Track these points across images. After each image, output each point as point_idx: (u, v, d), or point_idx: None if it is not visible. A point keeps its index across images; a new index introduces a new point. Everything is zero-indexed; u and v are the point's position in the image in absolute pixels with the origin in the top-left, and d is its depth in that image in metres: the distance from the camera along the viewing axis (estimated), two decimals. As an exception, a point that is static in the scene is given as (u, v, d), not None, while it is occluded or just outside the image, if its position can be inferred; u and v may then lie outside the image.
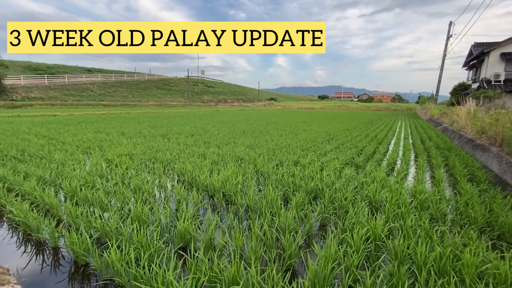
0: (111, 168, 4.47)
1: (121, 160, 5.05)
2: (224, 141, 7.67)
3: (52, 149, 6.00)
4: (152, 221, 2.77)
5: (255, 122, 15.30)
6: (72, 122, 12.73)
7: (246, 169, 4.55)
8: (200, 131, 10.11)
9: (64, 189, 3.51)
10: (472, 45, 29.37)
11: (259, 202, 3.15)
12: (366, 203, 3.25)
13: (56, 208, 3.00)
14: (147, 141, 7.59)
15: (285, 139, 8.24)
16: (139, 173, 4.48)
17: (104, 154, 5.72)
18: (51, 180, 3.89)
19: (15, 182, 3.70)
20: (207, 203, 3.49)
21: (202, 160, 5.14)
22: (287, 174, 4.22)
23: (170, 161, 5.23)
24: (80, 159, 5.24)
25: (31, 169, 4.32)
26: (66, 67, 48.94)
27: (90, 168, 4.53)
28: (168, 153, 5.87)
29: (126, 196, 3.32)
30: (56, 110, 21.64)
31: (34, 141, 7.09)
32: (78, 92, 38.65)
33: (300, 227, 2.75)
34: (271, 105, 61.38)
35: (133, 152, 5.84)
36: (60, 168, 4.41)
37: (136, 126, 11.40)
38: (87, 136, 8.20)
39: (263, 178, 4.30)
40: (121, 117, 16.58)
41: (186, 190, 3.58)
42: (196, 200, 3.21)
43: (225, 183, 3.74)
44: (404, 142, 8.36)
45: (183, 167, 4.55)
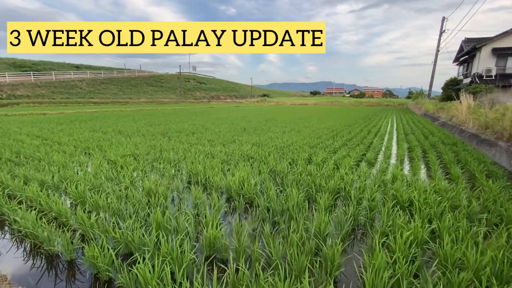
0: (117, 171, 4.20)
1: (125, 161, 4.78)
2: (228, 139, 7.45)
3: (49, 150, 5.66)
4: (174, 228, 2.56)
5: (253, 119, 15.09)
6: (64, 120, 12.21)
7: (260, 169, 4.37)
8: (200, 129, 9.85)
9: (71, 194, 3.25)
10: (462, 40, 29.81)
11: (284, 204, 2.98)
12: (394, 203, 3.12)
13: (65, 216, 2.75)
14: (148, 140, 7.29)
15: (289, 136, 8.08)
16: (148, 175, 4.24)
17: (106, 155, 5.43)
18: (55, 185, 3.61)
19: (16, 187, 3.41)
20: (227, 206, 3.29)
21: (212, 160, 4.92)
22: (304, 173, 4.06)
23: (178, 161, 5.00)
24: (81, 161, 4.94)
25: (30, 172, 4.01)
26: (53, 64, 47.27)
27: (94, 171, 4.25)
28: (173, 152, 5.62)
29: (140, 200, 3.09)
30: (44, 109, 20.84)
31: (28, 141, 6.70)
32: (66, 89, 37.44)
33: (334, 231, 2.59)
34: (264, 101, 61.12)
35: (137, 152, 5.56)
36: (62, 171, 4.12)
37: (132, 124, 11.02)
38: (84, 135, 7.83)
39: (279, 178, 4.12)
40: (114, 115, 16.07)
41: (204, 193, 3.37)
42: (216, 203, 3.01)
43: (242, 184, 3.56)
44: (408, 137, 8.32)
45: (194, 167, 4.33)
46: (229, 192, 3.57)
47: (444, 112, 13.73)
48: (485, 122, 7.74)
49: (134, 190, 3.30)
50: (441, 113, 14.59)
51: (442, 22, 24.38)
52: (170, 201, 3.39)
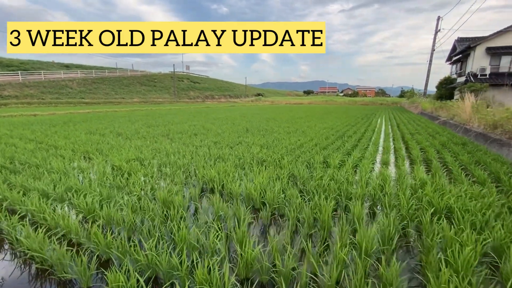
0: (125, 178, 3.88)
1: (131, 166, 4.45)
2: (234, 141, 7.17)
3: (46, 155, 5.27)
4: (202, 245, 2.28)
5: (252, 119, 14.82)
6: (57, 122, 11.69)
7: (278, 174, 4.11)
8: (202, 130, 9.53)
9: (79, 207, 2.92)
10: (455, 40, 30.19)
11: (317, 215, 2.74)
12: (432, 211, 2.91)
13: (75, 233, 2.44)
14: (150, 143, 6.95)
15: (296, 137, 7.85)
16: (158, 181, 3.93)
17: (108, 159, 5.08)
18: (58, 196, 3.27)
19: (15, 199, 3.06)
20: (253, 218, 3.02)
21: (223, 164, 4.63)
22: (326, 178, 3.83)
23: (187, 165, 4.70)
24: (82, 167, 4.59)
25: (28, 181, 3.66)
26: (42, 63, 45.88)
27: (99, 178, 3.92)
28: (180, 156, 5.31)
29: (157, 213, 2.80)
30: (35, 109, 20.08)
31: (21, 145, 6.28)
32: (56, 89, 36.35)
33: (380, 245, 2.35)
34: (259, 100, 60.89)
35: (141, 156, 5.23)
36: (64, 179, 3.78)
37: (130, 126, 10.61)
38: (80, 138, 7.42)
39: (301, 184, 3.88)
40: (109, 116, 15.55)
41: (225, 202, 3.09)
42: (242, 215, 2.74)
43: (264, 191, 3.30)
44: (415, 137, 8.19)
45: (207, 173, 4.04)
46: (250, 200, 3.31)
47: (444, 111, 13.75)
48: (493, 122, 7.67)
49: (150, 202, 3.00)
50: (441, 111, 14.62)
51: (437, 21, 24.58)
52: (195, 213, 3.11)
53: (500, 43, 22.17)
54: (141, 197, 3.20)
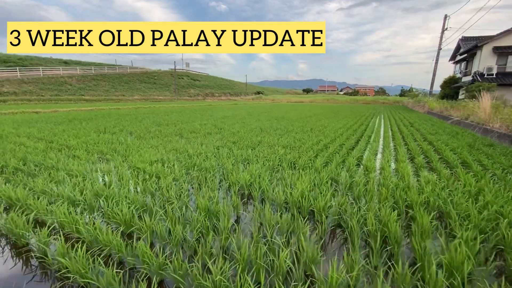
0: (154, 182, 3.56)
1: (157, 169, 4.14)
2: (252, 141, 6.85)
3: (60, 156, 4.94)
4: (269, 265, 1.99)
5: (261, 117, 14.50)
6: (62, 120, 11.30)
7: (315, 178, 3.82)
8: (214, 129, 9.20)
9: (114, 217, 2.61)
10: (460, 39, 30.02)
11: (386, 226, 2.45)
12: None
13: (119, 250, 2.13)
14: (165, 142, 6.63)
15: (315, 137, 7.56)
16: (188, 186, 3.63)
17: (128, 161, 4.76)
18: (87, 204, 2.96)
19: (40, 208, 2.74)
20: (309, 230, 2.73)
21: (253, 167, 4.32)
22: (372, 183, 3.54)
23: (215, 168, 4.39)
24: (103, 169, 4.27)
25: (49, 186, 3.34)
26: (40, 59, 45.11)
27: (125, 182, 3.60)
28: (204, 157, 4.99)
29: (203, 225, 2.50)
30: (36, 106, 19.61)
31: (31, 145, 5.93)
32: (55, 86, 35.73)
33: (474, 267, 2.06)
34: (259, 99, 60.53)
35: (164, 158, 4.92)
36: (87, 184, 3.46)
37: (138, 124, 10.25)
38: (91, 137, 7.07)
39: (346, 189, 3.58)
40: (113, 114, 15.16)
41: (277, 212, 2.79)
42: (302, 227, 2.45)
43: (314, 200, 3.01)
44: (437, 137, 7.92)
45: (240, 177, 3.74)
46: (295, 208, 3.01)
47: (457, 110, 13.52)
48: (518, 122, 7.43)
49: (193, 212, 2.70)
50: (452, 111, 14.39)
51: (444, 20, 24.35)
52: (235, 222, 2.81)
53: (507, 43, 22.00)
54: (181, 206, 2.89)
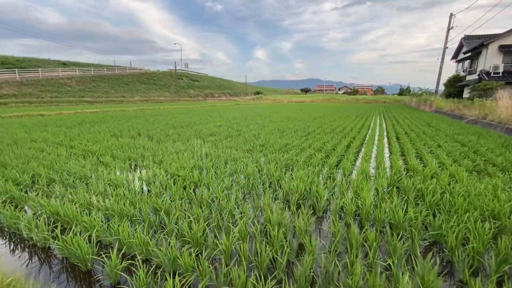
0: (210, 194, 3.29)
1: (200, 177, 3.87)
2: (280, 144, 6.58)
3: (88, 164, 4.65)
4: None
5: (272, 118, 14.23)
6: (71, 123, 10.95)
7: (381, 184, 3.58)
8: (232, 132, 8.92)
9: (181, 235, 2.34)
10: (462, 38, 30.04)
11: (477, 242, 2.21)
12: None
13: (207, 277, 1.87)
14: (190, 147, 6.35)
15: (343, 139, 7.34)
16: (240, 195, 3.37)
17: (163, 167, 4.48)
18: (144, 218, 2.68)
19: (97, 226, 2.47)
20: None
21: (300, 173, 4.07)
22: (429, 188, 3.29)
23: (259, 174, 4.12)
24: (142, 177, 3.99)
25: (94, 198, 3.07)
26: (38, 61, 44.38)
27: (174, 193, 3.33)
28: (241, 162, 4.73)
29: (288, 245, 2.24)
30: (39, 109, 19.16)
31: (52, 151, 5.62)
32: (55, 87, 35.15)
33: None
34: (260, 99, 60.24)
35: (199, 164, 4.65)
36: (135, 195, 3.18)
37: (152, 127, 9.95)
38: (112, 142, 6.76)
39: (417, 199, 3.34)
40: (121, 116, 14.81)
41: (359, 228, 2.54)
42: (397, 249, 2.20)
43: (393, 212, 2.76)
44: (463, 137, 7.72)
45: (294, 185, 3.48)
46: (368, 221, 2.77)
47: (472, 109, 13.37)
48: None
49: (259, 226, 2.44)
50: (466, 110, 14.25)
51: (450, 19, 24.29)
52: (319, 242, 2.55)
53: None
54: (236, 217, 2.63)
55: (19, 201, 3.26)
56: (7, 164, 4.54)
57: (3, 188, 3.35)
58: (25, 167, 4.33)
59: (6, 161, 4.64)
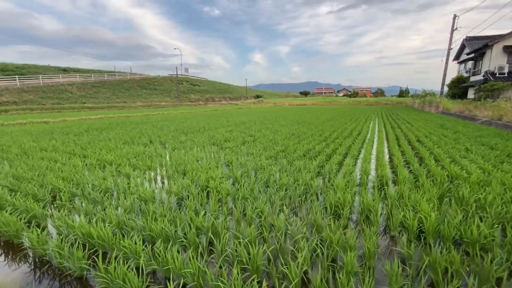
0: (253, 209, 3.00)
1: (236, 190, 3.58)
2: (302, 150, 6.30)
3: (108, 175, 4.35)
4: None
5: (281, 122, 13.97)
6: (78, 130, 10.65)
7: (435, 194, 3.29)
8: (247, 137, 8.63)
9: (245, 264, 2.05)
10: (464, 39, 30.03)
11: None
12: None
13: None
14: (209, 153, 6.07)
15: (365, 143, 7.06)
16: (286, 209, 3.07)
17: (188, 177, 4.19)
18: (191, 242, 2.38)
19: (138, 252, 2.17)
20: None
21: (339, 182, 3.78)
22: (490, 200, 3.01)
23: (293, 186, 3.83)
24: (172, 191, 3.70)
25: (126, 216, 2.77)
26: (38, 67, 44.14)
27: (211, 209, 3.03)
28: (267, 172, 4.44)
29: (353, 267, 1.95)
30: (41, 116, 18.86)
31: (67, 162, 5.33)
32: (56, 94, 34.86)
33: None
34: (261, 102, 60.12)
35: (228, 174, 4.36)
36: (172, 212, 2.90)
37: (160, 133, 9.65)
38: (126, 150, 6.45)
39: (477, 211, 3.06)
40: (127, 122, 14.52)
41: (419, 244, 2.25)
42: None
43: (465, 229, 2.48)
44: (485, 139, 7.46)
45: (340, 197, 3.19)
46: (432, 237, 2.49)
47: (485, 111, 13.15)
48: None
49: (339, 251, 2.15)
50: (478, 111, 14.03)
51: (454, 20, 24.25)
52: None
53: (518, 41, 21.91)
54: (298, 234, 2.33)
55: (41, 219, 2.96)
56: (22, 177, 4.24)
57: (22, 205, 3.05)
58: (41, 180, 4.04)
59: (20, 174, 4.34)
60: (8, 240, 2.64)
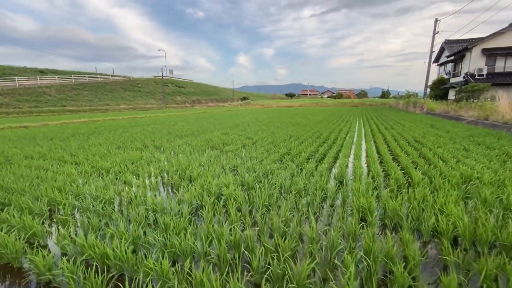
0: (282, 220, 2.80)
1: (251, 197, 3.37)
2: (307, 152, 6.18)
3: (109, 183, 4.02)
4: None
5: (275, 123, 13.86)
6: (62, 135, 10.01)
7: (454, 195, 3.24)
8: (245, 140, 8.42)
9: (296, 283, 1.86)
10: (443, 42, 31.36)
11: None
12: None
13: None
14: (211, 158, 5.81)
15: (362, 144, 7.05)
16: (311, 216, 2.91)
17: (198, 184, 3.93)
18: (222, 258, 2.16)
19: (172, 275, 1.92)
20: None
21: (358, 186, 3.66)
22: None
23: (313, 190, 3.68)
24: (183, 200, 3.44)
25: (139, 230, 2.50)
26: (13, 68, 41.80)
27: (231, 219, 2.81)
28: (278, 175, 4.27)
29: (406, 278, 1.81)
30: (20, 120, 17.73)
31: (58, 170, 4.91)
32: (33, 97, 33.08)
33: None
34: (248, 104, 59.98)
35: (246, 180, 4.14)
36: (197, 225, 2.65)
37: (153, 137, 9.25)
38: (121, 156, 6.05)
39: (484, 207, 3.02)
40: (114, 126, 13.89)
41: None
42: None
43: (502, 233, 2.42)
44: (479, 139, 7.68)
45: (365, 202, 3.07)
46: (468, 242, 2.41)
47: (470, 111, 13.66)
48: None
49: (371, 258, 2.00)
50: (463, 111, 14.56)
51: (435, 24, 25.24)
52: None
53: (495, 45, 23.07)
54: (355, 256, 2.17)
55: (41, 238, 2.63)
56: (10, 188, 3.82)
57: (18, 222, 2.70)
58: (34, 192, 3.65)
59: (8, 185, 3.92)
60: (7, 263, 2.30)
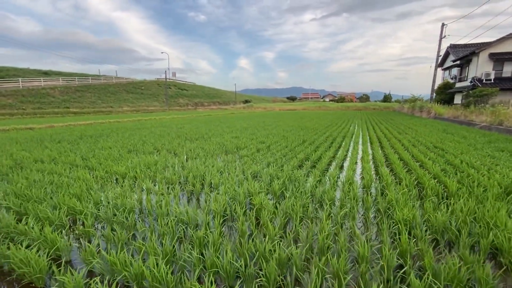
0: (328, 234, 2.58)
1: (288, 207, 3.15)
2: (325, 157, 5.97)
3: (128, 190, 3.80)
4: None
5: (283, 127, 13.65)
6: (70, 138, 9.82)
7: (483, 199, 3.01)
8: (258, 144, 8.22)
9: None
10: (448, 47, 31.22)
11: None
12: None
13: None
14: (228, 163, 5.60)
15: (381, 150, 6.84)
16: (356, 230, 2.68)
17: (224, 191, 3.71)
18: (269, 279, 1.94)
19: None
20: None
21: (391, 196, 3.44)
22: None
23: (342, 200, 3.46)
24: (210, 209, 3.22)
25: (167, 243, 2.28)
26: (17, 70, 41.81)
27: (269, 233, 2.59)
28: (303, 182, 4.05)
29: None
30: (25, 122, 17.57)
31: (72, 175, 4.70)
32: (37, 98, 32.98)
33: None
34: (251, 107, 59.87)
35: (273, 189, 3.92)
36: (220, 237, 2.43)
37: (162, 140, 9.05)
38: (135, 160, 5.85)
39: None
40: (121, 128, 13.71)
41: None
42: None
43: None
44: (500, 145, 7.46)
45: (406, 213, 2.84)
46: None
47: (482, 116, 13.42)
48: None
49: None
50: (474, 116, 14.32)
51: (442, 28, 25.11)
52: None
53: (503, 49, 22.89)
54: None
55: (66, 253, 2.41)
56: (25, 195, 3.61)
57: (38, 236, 2.48)
58: (49, 199, 3.43)
59: (22, 191, 3.71)
60: (29, 283, 2.08)
